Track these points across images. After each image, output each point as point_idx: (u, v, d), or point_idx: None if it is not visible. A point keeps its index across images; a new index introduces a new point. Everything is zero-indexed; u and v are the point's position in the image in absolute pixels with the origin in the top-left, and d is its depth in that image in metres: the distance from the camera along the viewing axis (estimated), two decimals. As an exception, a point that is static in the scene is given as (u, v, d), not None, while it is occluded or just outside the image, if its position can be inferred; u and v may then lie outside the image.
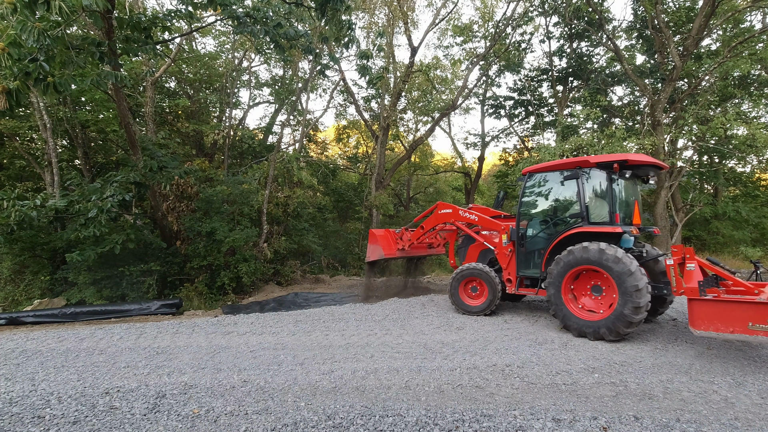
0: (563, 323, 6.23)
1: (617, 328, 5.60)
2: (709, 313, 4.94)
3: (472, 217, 8.13)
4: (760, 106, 15.35)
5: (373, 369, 4.69)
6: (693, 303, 5.08)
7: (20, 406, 3.83)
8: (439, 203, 8.85)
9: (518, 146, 23.33)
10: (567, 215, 6.74)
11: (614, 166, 6.25)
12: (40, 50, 5.62)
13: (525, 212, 7.26)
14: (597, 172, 6.43)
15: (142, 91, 13.60)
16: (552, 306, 6.32)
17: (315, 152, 21.48)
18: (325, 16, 7.36)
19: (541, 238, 7.01)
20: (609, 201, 6.32)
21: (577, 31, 17.44)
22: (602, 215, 6.38)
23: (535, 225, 7.14)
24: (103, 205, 8.00)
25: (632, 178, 6.79)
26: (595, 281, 6.14)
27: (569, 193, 6.74)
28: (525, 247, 7.14)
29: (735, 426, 3.36)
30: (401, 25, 16.67)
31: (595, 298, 6.14)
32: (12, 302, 10.44)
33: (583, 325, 5.95)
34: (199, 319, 7.74)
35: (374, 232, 9.31)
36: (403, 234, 9.31)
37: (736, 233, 15.82)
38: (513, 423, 3.39)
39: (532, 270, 7.09)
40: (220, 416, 3.57)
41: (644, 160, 6.33)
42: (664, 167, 6.76)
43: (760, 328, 4.57)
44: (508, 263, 7.38)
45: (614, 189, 6.36)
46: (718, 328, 4.84)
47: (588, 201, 6.42)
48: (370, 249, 9.27)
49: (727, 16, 13.12)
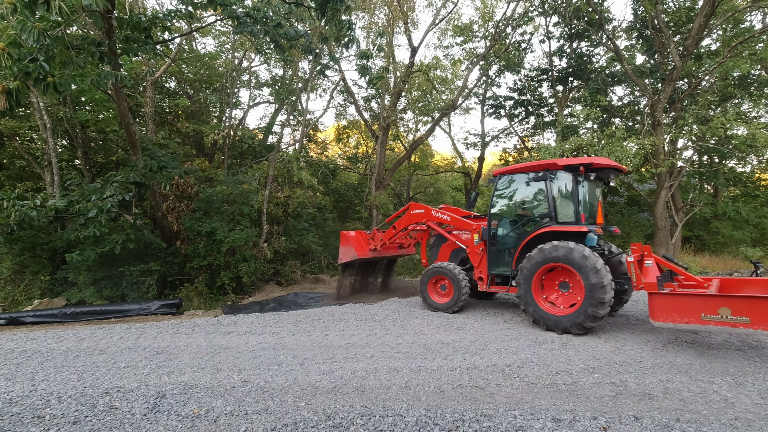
0: (533, 318, 6.52)
1: (583, 322, 5.92)
2: (666, 305, 5.36)
3: (444, 217, 8.33)
4: (760, 106, 15.35)
5: (373, 369, 4.69)
6: (652, 297, 5.49)
7: (20, 406, 3.83)
8: (411, 203, 9.05)
9: (518, 146, 23.34)
10: (536, 215, 7.07)
11: (580, 169, 6.58)
12: (40, 50, 5.61)
13: (496, 212, 7.59)
14: (563, 174, 6.76)
15: (142, 91, 13.60)
16: (522, 302, 6.61)
17: (315, 152, 21.45)
18: (325, 16, 7.36)
19: (511, 238, 7.33)
20: (575, 202, 6.66)
21: (577, 31, 17.44)
22: (569, 215, 6.73)
23: (506, 224, 7.46)
24: (103, 205, 7.99)
25: (595, 180, 7.19)
26: (563, 278, 6.46)
27: (538, 194, 7.10)
28: (496, 246, 7.44)
29: (735, 426, 3.36)
30: (401, 25, 16.67)
31: (562, 294, 6.47)
32: (12, 302, 10.43)
33: (551, 320, 6.26)
34: (199, 319, 7.74)
35: (346, 234, 9.43)
36: (375, 234, 9.45)
37: (736, 233, 15.82)
38: (513, 423, 3.39)
39: (503, 268, 7.37)
40: (220, 416, 3.57)
41: (607, 164, 6.71)
42: (624, 170, 7.27)
43: (711, 319, 5.05)
44: (480, 262, 7.64)
45: (579, 190, 6.70)
46: (675, 319, 5.27)
47: (555, 201, 6.76)
48: (343, 251, 9.40)
49: (727, 16, 13.12)
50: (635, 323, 6.69)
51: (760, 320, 4.75)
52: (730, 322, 4.93)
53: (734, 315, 4.91)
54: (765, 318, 4.74)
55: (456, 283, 7.60)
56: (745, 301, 4.94)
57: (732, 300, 5.01)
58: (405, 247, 10.08)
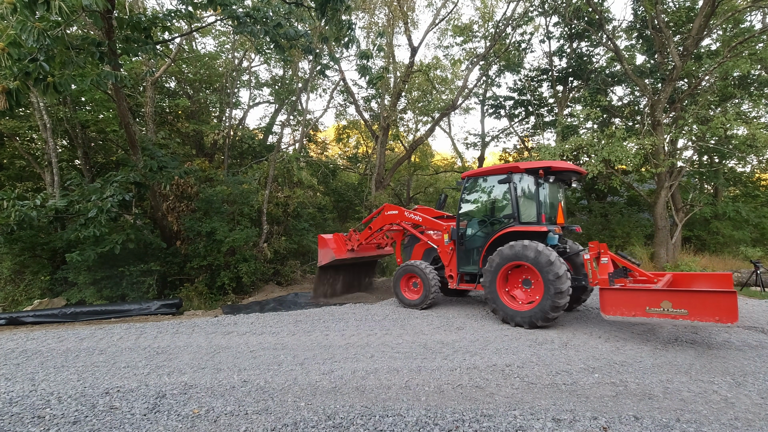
0: (500, 315, 6.83)
1: (545, 313, 6.25)
2: (615, 300, 5.74)
3: (417, 218, 8.67)
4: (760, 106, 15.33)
5: (373, 369, 4.69)
6: (603, 292, 5.89)
7: (20, 406, 3.83)
8: (386, 205, 9.34)
9: (518, 146, 23.32)
10: (501, 216, 7.45)
11: (540, 172, 6.95)
12: (40, 50, 5.61)
13: (464, 213, 7.95)
14: (526, 177, 7.14)
15: (142, 91, 13.60)
16: (489, 300, 6.93)
17: (315, 152, 21.45)
18: (325, 16, 7.36)
19: (479, 237, 7.68)
20: (536, 203, 7.03)
21: (577, 31, 17.43)
22: (531, 216, 7.09)
23: (474, 225, 7.81)
24: (103, 205, 7.99)
25: (557, 182, 7.51)
26: (525, 276, 6.81)
27: (502, 196, 7.50)
28: (464, 245, 7.80)
29: (735, 426, 3.36)
30: (401, 25, 16.67)
31: (526, 290, 6.82)
32: (12, 302, 10.43)
33: (516, 315, 6.58)
34: (199, 319, 7.74)
35: (323, 237, 9.66)
36: (352, 235, 9.68)
37: (736, 233, 15.80)
38: (513, 423, 3.39)
39: (472, 266, 7.71)
40: (220, 416, 3.57)
41: (565, 167, 7.13)
42: (583, 173, 7.68)
43: (654, 311, 5.45)
44: (450, 260, 7.98)
45: (541, 192, 7.07)
46: (623, 313, 5.66)
47: (519, 203, 7.12)
48: (321, 253, 9.60)
49: (727, 16, 13.11)
50: (635, 323, 6.69)
51: (697, 312, 5.18)
52: (671, 314, 5.34)
53: (674, 308, 5.32)
54: (700, 310, 5.16)
55: (426, 280, 7.91)
56: (683, 294, 5.36)
57: (672, 294, 5.41)
58: (383, 247, 10.37)
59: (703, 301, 5.20)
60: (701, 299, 5.22)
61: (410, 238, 9.19)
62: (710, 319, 5.13)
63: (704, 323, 5.18)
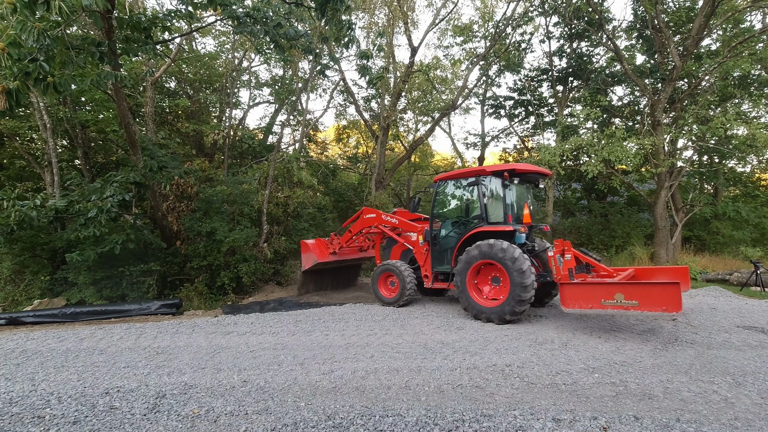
0: (471, 312, 7.10)
1: (513, 308, 6.53)
2: (574, 293, 6.10)
3: (393, 221, 8.99)
4: (760, 106, 15.33)
5: (373, 369, 4.70)
6: (563, 286, 6.24)
7: (20, 406, 3.83)
8: (364, 208, 9.69)
9: (518, 146, 23.33)
10: (471, 217, 7.72)
11: (504, 174, 7.28)
12: (40, 50, 5.61)
13: (437, 215, 8.31)
14: (492, 179, 7.45)
15: (142, 91, 13.59)
16: (461, 297, 7.19)
17: (315, 152, 21.44)
18: (325, 16, 7.36)
19: (451, 238, 7.97)
20: (503, 204, 7.36)
21: (577, 31, 17.43)
22: (498, 216, 7.42)
23: (446, 226, 8.12)
24: (103, 205, 7.99)
25: (524, 183, 7.85)
26: (494, 273, 7.10)
27: (472, 198, 7.79)
28: (438, 245, 8.11)
29: (735, 426, 3.36)
30: (401, 25, 16.67)
31: (495, 287, 7.12)
32: (12, 302, 10.43)
33: (486, 312, 6.87)
34: (199, 319, 7.74)
35: (305, 242, 10.04)
36: (333, 239, 9.98)
37: (736, 233, 15.80)
38: (513, 423, 3.39)
39: (445, 266, 8.01)
40: (220, 416, 3.57)
41: (529, 169, 7.49)
42: (548, 174, 8.03)
43: (609, 303, 5.77)
44: (425, 261, 8.32)
45: (507, 193, 7.41)
46: (581, 305, 6.00)
47: (486, 204, 7.44)
48: (304, 258, 9.97)
49: (727, 16, 13.10)
50: (635, 323, 6.69)
51: (646, 303, 5.52)
52: (623, 305, 5.68)
53: (626, 299, 5.65)
54: (649, 301, 5.51)
55: (402, 279, 8.20)
56: (634, 287, 5.73)
57: (625, 286, 5.78)
58: (365, 250, 10.72)
59: (651, 292, 5.54)
60: (649, 291, 5.57)
61: (388, 240, 9.50)
62: (658, 309, 5.45)
63: (653, 312, 5.50)
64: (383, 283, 8.68)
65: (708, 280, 11.70)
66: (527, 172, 7.53)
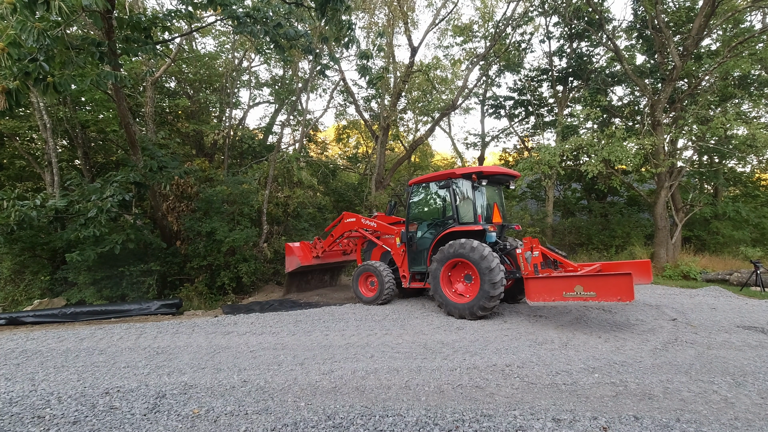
0: (444, 309, 7.35)
1: (483, 303, 6.77)
2: (538, 287, 6.43)
3: (372, 224, 9.25)
4: (760, 106, 15.34)
5: (373, 369, 4.69)
6: (527, 281, 6.59)
7: (20, 406, 3.83)
8: (345, 213, 9.96)
9: (518, 146, 23.34)
10: (443, 218, 8.03)
11: (473, 176, 7.55)
12: (40, 50, 5.61)
13: (412, 217, 8.56)
14: (462, 181, 7.71)
15: (142, 91, 13.59)
16: (435, 295, 7.47)
17: (315, 152, 21.44)
18: (325, 16, 7.36)
19: (426, 239, 8.24)
20: (473, 205, 7.61)
21: (577, 31, 17.43)
22: (469, 216, 7.66)
23: (422, 227, 8.39)
24: (103, 205, 7.99)
25: (493, 185, 8.16)
26: (466, 271, 7.35)
27: (444, 200, 8.09)
28: (414, 247, 8.40)
29: (735, 426, 3.36)
30: (401, 25, 16.66)
31: (467, 285, 7.38)
32: (12, 302, 10.43)
33: (459, 308, 7.10)
34: (199, 319, 7.74)
35: (289, 245, 10.23)
36: (317, 243, 10.24)
37: (736, 233, 15.80)
38: (513, 423, 3.39)
39: (421, 266, 8.27)
40: (220, 416, 3.57)
41: (496, 171, 7.84)
42: (516, 175, 8.33)
43: (570, 295, 6.09)
44: (402, 262, 8.60)
45: (477, 195, 7.66)
46: (545, 298, 6.32)
47: (458, 206, 7.69)
48: (288, 261, 10.17)
49: (727, 16, 13.10)
50: (635, 323, 6.69)
51: (602, 293, 5.83)
52: (582, 296, 5.97)
53: (585, 291, 5.93)
54: (605, 291, 5.81)
55: (381, 279, 8.47)
56: (592, 279, 6.02)
57: (583, 279, 6.07)
58: (348, 253, 10.99)
59: (606, 283, 5.85)
60: (604, 282, 5.87)
61: (368, 243, 9.77)
62: (613, 299, 5.74)
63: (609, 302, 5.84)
64: (363, 282, 8.94)
65: (708, 280, 11.70)
66: (495, 174, 7.85)
